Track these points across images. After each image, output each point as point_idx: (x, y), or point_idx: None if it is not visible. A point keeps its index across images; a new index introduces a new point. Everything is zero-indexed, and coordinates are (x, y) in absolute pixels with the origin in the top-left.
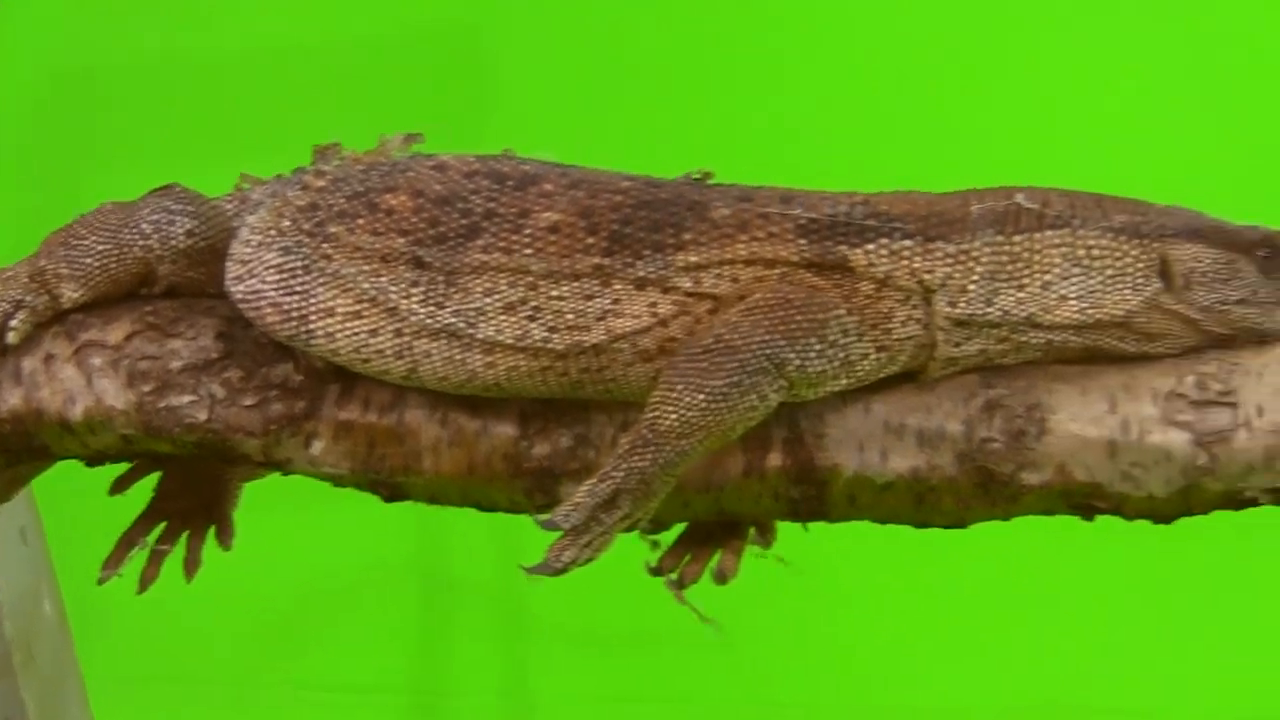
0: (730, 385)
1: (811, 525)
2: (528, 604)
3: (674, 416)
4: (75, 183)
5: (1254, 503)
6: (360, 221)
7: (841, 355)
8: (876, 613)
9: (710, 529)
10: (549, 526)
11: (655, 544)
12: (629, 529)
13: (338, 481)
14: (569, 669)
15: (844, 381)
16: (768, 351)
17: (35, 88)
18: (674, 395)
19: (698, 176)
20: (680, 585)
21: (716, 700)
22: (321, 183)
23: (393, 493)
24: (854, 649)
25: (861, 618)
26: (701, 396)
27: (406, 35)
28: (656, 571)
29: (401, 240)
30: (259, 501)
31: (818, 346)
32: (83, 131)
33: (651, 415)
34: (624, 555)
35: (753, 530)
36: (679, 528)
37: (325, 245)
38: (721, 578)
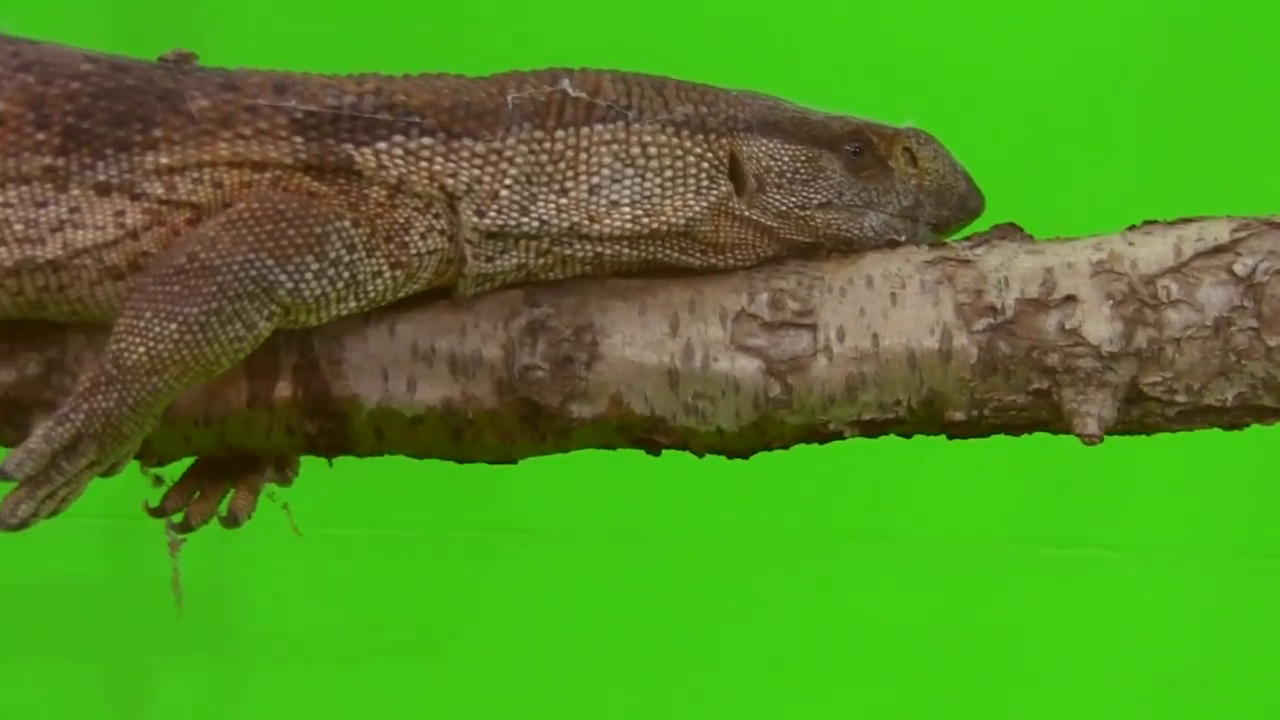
0: (208, 313)
1: None
2: None
3: (142, 350)
4: None
5: (840, 436)
6: None
7: (347, 275)
8: None
9: (226, 463)
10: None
11: (159, 480)
12: (108, 474)
13: None
14: None
15: (353, 304)
16: (253, 273)
17: None
18: (141, 324)
19: (172, 58)
20: (186, 528)
21: None
22: None
23: None
24: None
25: None
26: (174, 326)
27: None
28: (158, 512)
29: None
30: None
31: (315, 266)
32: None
33: (116, 348)
34: None
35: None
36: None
37: None
38: (234, 520)
